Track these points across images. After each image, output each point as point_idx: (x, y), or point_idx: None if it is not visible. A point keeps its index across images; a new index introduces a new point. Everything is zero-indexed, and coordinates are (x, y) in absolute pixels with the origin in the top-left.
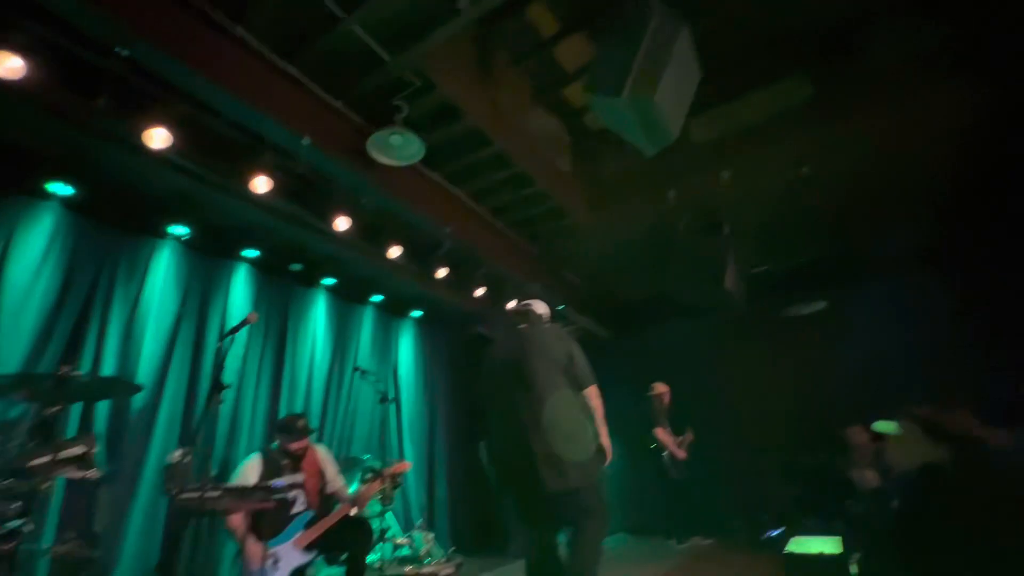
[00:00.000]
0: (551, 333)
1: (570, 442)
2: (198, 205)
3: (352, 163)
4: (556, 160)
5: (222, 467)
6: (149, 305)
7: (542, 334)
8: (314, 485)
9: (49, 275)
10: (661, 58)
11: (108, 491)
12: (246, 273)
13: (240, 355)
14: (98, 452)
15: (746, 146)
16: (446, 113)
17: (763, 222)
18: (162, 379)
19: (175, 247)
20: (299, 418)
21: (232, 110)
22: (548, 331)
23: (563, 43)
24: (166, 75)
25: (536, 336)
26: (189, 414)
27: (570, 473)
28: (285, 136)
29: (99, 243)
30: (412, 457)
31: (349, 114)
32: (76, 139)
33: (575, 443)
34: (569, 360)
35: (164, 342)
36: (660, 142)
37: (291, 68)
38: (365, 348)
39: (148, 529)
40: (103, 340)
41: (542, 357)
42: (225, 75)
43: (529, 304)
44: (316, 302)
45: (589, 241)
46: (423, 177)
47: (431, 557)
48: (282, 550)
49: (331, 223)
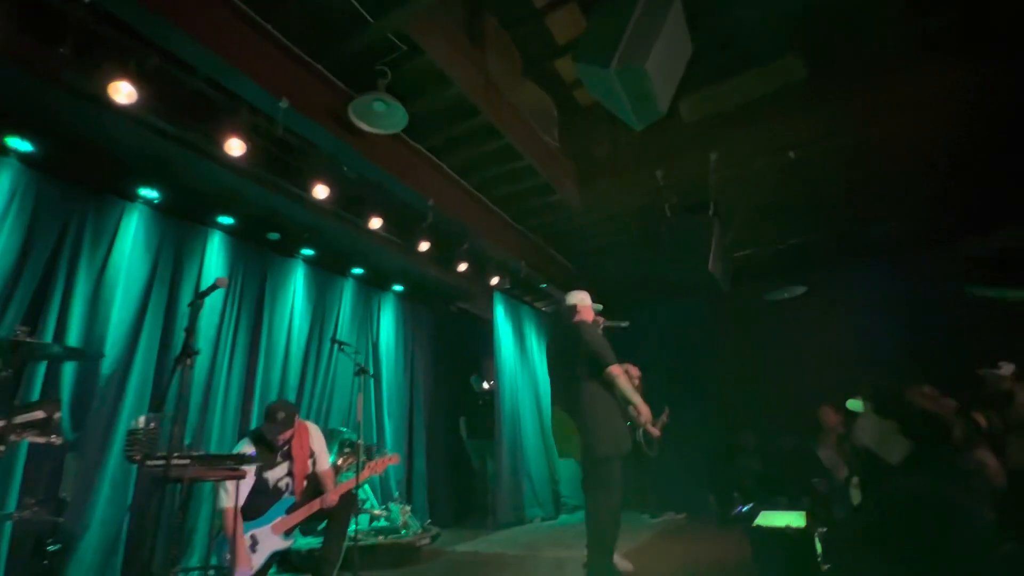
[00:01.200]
0: (575, 327)
1: (591, 429)
2: (169, 167)
3: (333, 129)
4: (545, 135)
5: (195, 435)
6: (118, 270)
7: (571, 328)
8: (302, 469)
9: (8, 235)
10: (652, 30)
11: (75, 458)
12: (221, 240)
13: (215, 323)
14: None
15: (735, 128)
16: (432, 80)
17: (749, 205)
18: (132, 346)
19: (145, 211)
20: (280, 408)
21: (206, 66)
22: (574, 326)
23: (556, 14)
24: (135, 24)
25: (570, 330)
26: (160, 381)
27: (597, 448)
28: (262, 97)
29: (63, 204)
30: (391, 430)
31: (331, 77)
32: (36, 90)
33: (594, 430)
34: (586, 349)
35: (134, 308)
36: (649, 117)
37: (269, 26)
38: (345, 320)
39: (117, 497)
40: (68, 304)
41: (574, 350)
42: (199, 28)
43: (566, 297)
44: (294, 272)
45: (576, 219)
46: (407, 147)
47: (408, 528)
48: (261, 532)
49: (310, 191)
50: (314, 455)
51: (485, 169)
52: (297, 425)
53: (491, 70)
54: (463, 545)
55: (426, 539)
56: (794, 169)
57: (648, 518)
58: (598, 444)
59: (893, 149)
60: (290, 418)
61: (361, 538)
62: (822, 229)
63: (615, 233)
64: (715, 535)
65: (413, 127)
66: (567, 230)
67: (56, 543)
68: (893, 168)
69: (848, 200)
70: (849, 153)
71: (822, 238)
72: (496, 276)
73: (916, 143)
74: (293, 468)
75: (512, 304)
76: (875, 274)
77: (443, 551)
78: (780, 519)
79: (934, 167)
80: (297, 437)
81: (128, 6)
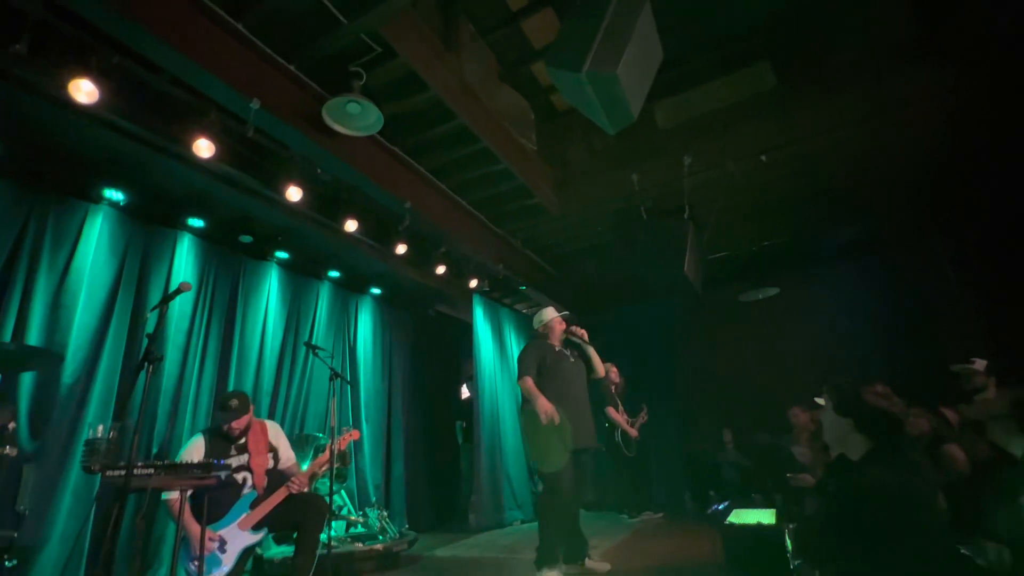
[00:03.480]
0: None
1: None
2: (135, 168)
3: (306, 130)
4: (522, 139)
5: (163, 443)
6: (81, 274)
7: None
8: (262, 463)
9: None
10: (623, 34)
11: (33, 469)
12: (191, 243)
13: (184, 329)
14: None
15: (708, 132)
16: (407, 83)
17: (723, 208)
18: (96, 353)
19: (110, 213)
20: (233, 396)
21: (172, 65)
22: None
23: (532, 19)
24: (95, 21)
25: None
26: (124, 389)
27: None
28: (232, 97)
29: (22, 205)
30: (369, 436)
31: (304, 78)
32: None
33: (527, 441)
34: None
35: (98, 314)
36: (621, 121)
37: (239, 25)
38: (321, 325)
39: (77, 511)
40: (27, 309)
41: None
42: (161, 26)
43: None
44: (268, 276)
45: (554, 222)
46: (382, 149)
47: (385, 534)
48: (228, 532)
49: (283, 193)
50: (275, 450)
51: (462, 172)
52: (254, 422)
53: (467, 74)
54: (442, 550)
55: (403, 544)
56: (765, 172)
57: (626, 518)
58: (535, 460)
59: (860, 152)
60: (244, 406)
61: (337, 545)
62: (794, 231)
63: (592, 236)
64: (690, 533)
65: (389, 129)
66: (545, 232)
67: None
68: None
69: (817, 202)
70: (818, 156)
71: (794, 240)
72: (475, 279)
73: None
74: (250, 462)
75: (491, 306)
76: (845, 274)
77: (421, 556)
78: (751, 516)
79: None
80: (253, 432)
81: (86, 3)
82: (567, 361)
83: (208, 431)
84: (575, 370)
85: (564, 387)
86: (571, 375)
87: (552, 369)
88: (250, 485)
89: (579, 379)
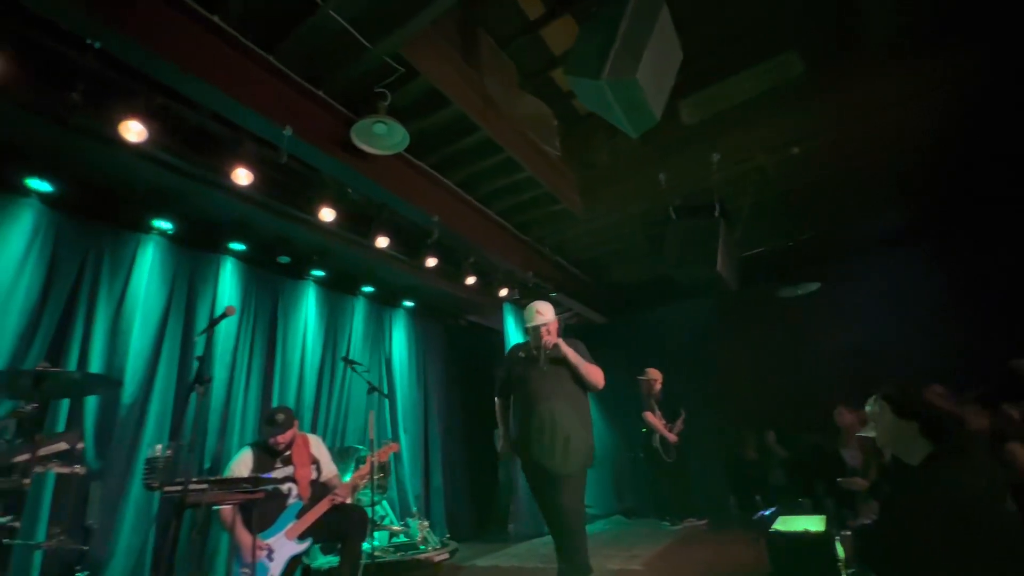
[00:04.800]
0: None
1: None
2: (180, 199)
3: (336, 153)
4: (546, 145)
5: (214, 460)
6: (135, 301)
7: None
8: (306, 475)
9: (31, 272)
10: (641, 39)
11: (99, 486)
12: (233, 266)
13: (230, 348)
14: (86, 448)
15: (736, 126)
16: (431, 100)
17: (755, 203)
18: (151, 375)
19: (160, 242)
20: (279, 411)
21: (210, 101)
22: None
23: (551, 25)
24: (141, 66)
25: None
26: (179, 409)
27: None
28: (266, 127)
29: (82, 239)
30: (408, 447)
31: (332, 103)
32: (53, 134)
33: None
34: None
35: (152, 338)
36: (643, 124)
37: (271, 58)
38: (357, 339)
39: (140, 524)
40: (89, 337)
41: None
42: (202, 65)
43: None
44: (306, 294)
45: (582, 226)
46: (409, 166)
47: (426, 544)
48: (275, 541)
49: (317, 214)
50: (317, 462)
51: (487, 183)
52: (297, 435)
53: (488, 86)
54: (482, 559)
55: (444, 554)
56: (798, 163)
57: (668, 525)
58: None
59: (899, 137)
60: (289, 420)
61: (380, 555)
62: (832, 223)
63: (621, 238)
64: (735, 541)
65: (414, 146)
66: (573, 237)
67: (84, 570)
68: (902, 155)
69: (856, 191)
70: (854, 143)
71: (833, 232)
72: (504, 287)
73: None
74: (295, 474)
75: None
76: (889, 265)
77: (462, 566)
78: (798, 523)
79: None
80: (297, 445)
81: (132, 50)
82: (535, 370)
83: (254, 444)
84: (549, 379)
85: (531, 403)
86: (540, 388)
87: (518, 383)
88: (295, 495)
89: (556, 390)
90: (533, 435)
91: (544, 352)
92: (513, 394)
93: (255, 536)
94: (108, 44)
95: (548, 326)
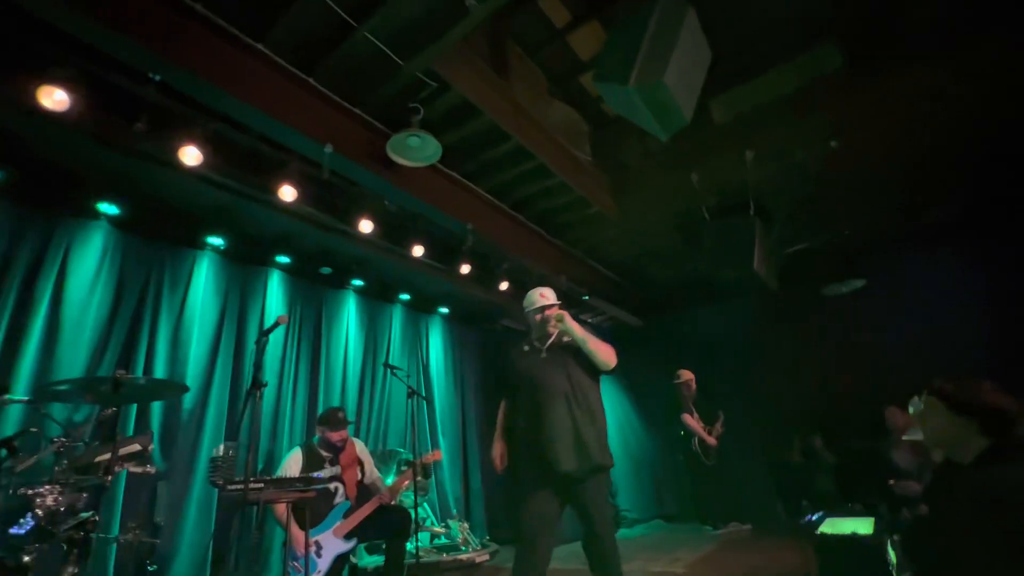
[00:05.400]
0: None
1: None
2: (232, 216)
3: (373, 167)
4: (576, 150)
5: (267, 460)
6: (193, 312)
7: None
8: (352, 476)
9: (103, 289)
10: (667, 43)
11: (166, 485)
12: (279, 278)
13: (279, 355)
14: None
15: (770, 122)
16: (462, 111)
17: (795, 199)
18: (208, 380)
19: (213, 257)
20: (339, 410)
21: (258, 124)
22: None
23: (578, 32)
24: (196, 95)
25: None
26: (233, 411)
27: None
28: (308, 145)
29: (145, 257)
30: (446, 450)
31: (369, 119)
32: (119, 161)
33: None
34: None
35: (208, 346)
36: (673, 126)
37: (311, 80)
38: (396, 345)
39: (202, 521)
40: (153, 346)
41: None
42: (250, 91)
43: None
44: (347, 302)
45: (615, 229)
46: (443, 176)
47: (467, 545)
48: (324, 538)
49: (356, 226)
50: (362, 464)
51: (519, 189)
52: (347, 436)
53: (518, 95)
54: None
55: (485, 555)
56: (838, 157)
57: (711, 530)
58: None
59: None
60: (346, 419)
61: (424, 555)
62: (878, 216)
63: (655, 239)
64: (782, 545)
65: (447, 156)
66: (606, 240)
67: (153, 564)
68: (948, 147)
69: (901, 183)
70: (898, 134)
71: (879, 226)
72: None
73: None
74: (342, 475)
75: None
76: (939, 259)
77: (502, 568)
78: (847, 526)
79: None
80: (347, 447)
81: (190, 82)
82: (540, 360)
83: (304, 445)
84: (557, 369)
85: (540, 399)
86: (548, 380)
87: (518, 380)
88: (342, 495)
89: (565, 382)
90: (546, 434)
91: (548, 337)
92: (517, 392)
93: (307, 532)
94: (167, 76)
95: (553, 309)
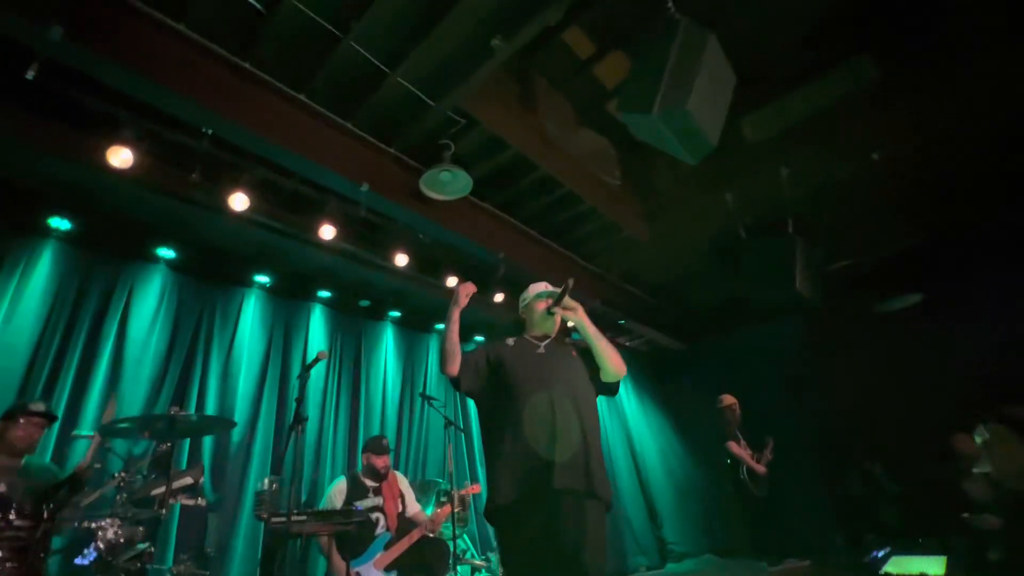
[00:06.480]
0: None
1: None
2: (277, 255)
3: (407, 202)
4: (606, 176)
5: (311, 489)
6: (241, 349)
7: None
8: (393, 508)
9: (160, 328)
10: (689, 70)
11: (215, 517)
12: (321, 312)
13: (320, 388)
14: (205, 482)
15: (806, 139)
16: (492, 145)
17: (837, 215)
18: (255, 414)
19: (260, 294)
20: (382, 437)
21: (300, 168)
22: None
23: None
24: (244, 145)
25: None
26: (279, 444)
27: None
28: (346, 185)
29: (198, 297)
30: (484, 479)
31: (402, 157)
32: (176, 209)
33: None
34: None
35: (255, 381)
36: (700, 152)
37: (348, 124)
38: (432, 375)
39: (248, 551)
40: (205, 381)
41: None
42: (293, 139)
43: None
44: (385, 334)
45: (648, 251)
46: (475, 207)
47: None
48: (364, 569)
49: (392, 259)
50: (403, 496)
51: (551, 217)
52: (389, 465)
53: (546, 126)
54: None
55: None
56: (882, 170)
57: (766, 566)
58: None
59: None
60: (389, 446)
61: None
62: (933, 229)
63: (691, 261)
64: None
65: (478, 188)
66: (640, 263)
67: None
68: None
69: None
70: (947, 143)
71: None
72: None
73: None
74: (384, 506)
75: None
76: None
77: None
78: (914, 565)
79: None
80: (389, 478)
81: (239, 133)
82: (532, 353)
83: (348, 475)
84: (556, 369)
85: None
86: (548, 379)
87: (507, 376)
88: (383, 526)
89: (567, 386)
90: (541, 445)
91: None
92: (500, 393)
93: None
94: (219, 130)
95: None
